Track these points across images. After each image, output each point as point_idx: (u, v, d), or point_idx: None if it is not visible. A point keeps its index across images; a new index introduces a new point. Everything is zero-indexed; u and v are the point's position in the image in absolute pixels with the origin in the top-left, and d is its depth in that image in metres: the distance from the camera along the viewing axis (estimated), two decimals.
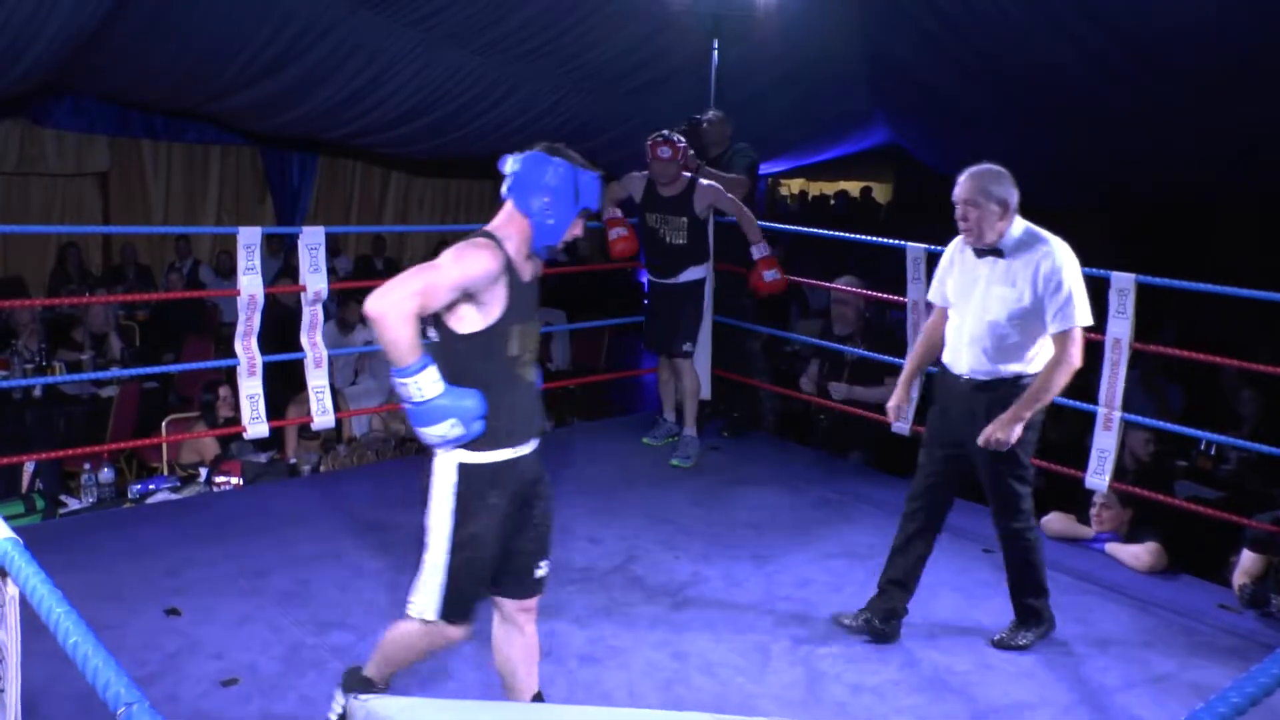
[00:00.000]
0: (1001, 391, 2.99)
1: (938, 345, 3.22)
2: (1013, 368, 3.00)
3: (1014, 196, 2.95)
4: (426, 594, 2.31)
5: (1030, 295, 2.91)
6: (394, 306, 2.06)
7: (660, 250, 4.74)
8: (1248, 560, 3.64)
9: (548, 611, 3.31)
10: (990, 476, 3.09)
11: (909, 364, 3.35)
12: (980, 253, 3.00)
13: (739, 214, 4.74)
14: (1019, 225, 2.97)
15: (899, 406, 3.30)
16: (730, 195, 4.73)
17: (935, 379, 3.27)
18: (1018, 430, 2.94)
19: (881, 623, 3.22)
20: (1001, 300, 2.95)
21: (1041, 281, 2.90)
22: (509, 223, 2.30)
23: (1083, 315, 2.91)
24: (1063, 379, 2.93)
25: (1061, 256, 2.91)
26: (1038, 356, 2.99)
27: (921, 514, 3.22)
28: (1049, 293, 2.89)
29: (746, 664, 3.07)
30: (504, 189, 2.31)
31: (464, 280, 2.15)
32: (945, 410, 3.17)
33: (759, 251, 4.77)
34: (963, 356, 3.06)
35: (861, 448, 5.04)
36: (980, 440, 2.98)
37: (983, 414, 2.98)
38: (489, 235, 2.26)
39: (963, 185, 2.96)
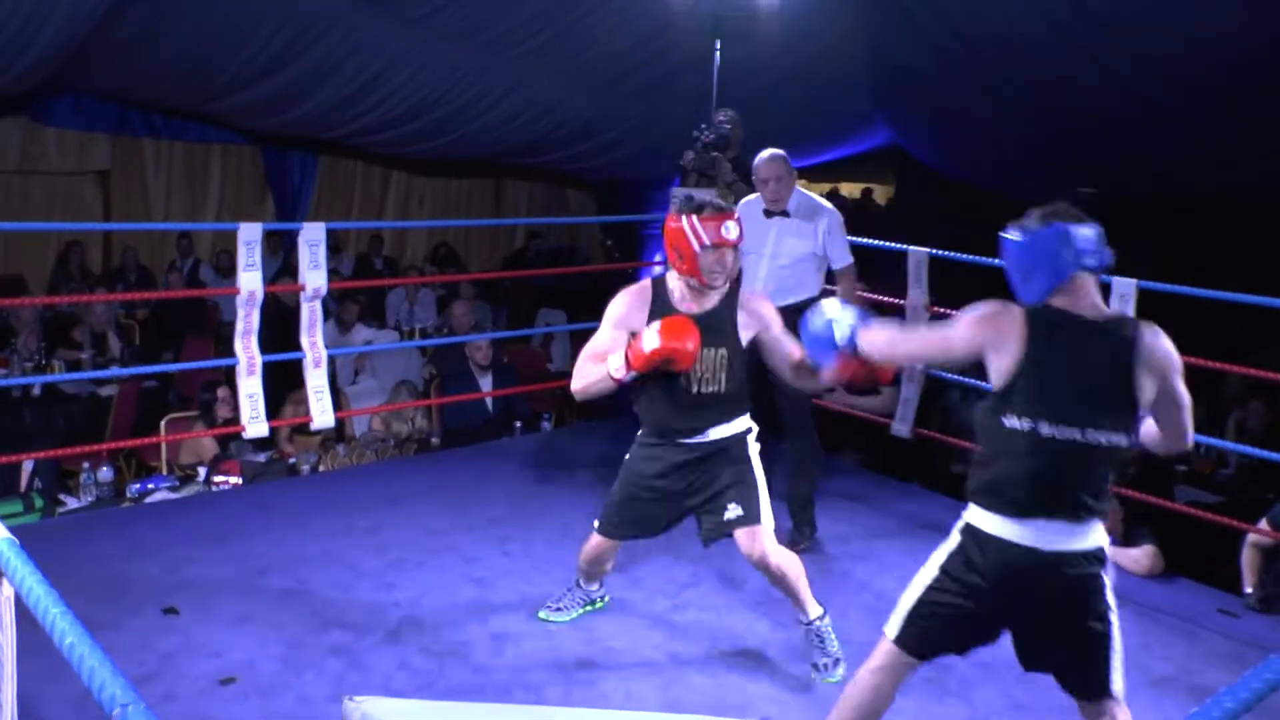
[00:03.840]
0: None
1: None
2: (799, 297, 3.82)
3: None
4: None
5: (816, 243, 3.92)
6: None
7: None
8: (1256, 549, 3.74)
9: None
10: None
11: None
12: (770, 214, 3.92)
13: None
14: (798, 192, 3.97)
15: None
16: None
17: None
18: None
19: None
20: (794, 247, 3.91)
21: (823, 234, 3.91)
22: None
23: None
24: None
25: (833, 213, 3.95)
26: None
27: None
28: (830, 240, 3.94)
29: (746, 664, 3.07)
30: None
31: None
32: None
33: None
34: (771, 289, 3.85)
35: (856, 447, 5.04)
36: None
37: None
38: None
39: (769, 164, 3.88)
